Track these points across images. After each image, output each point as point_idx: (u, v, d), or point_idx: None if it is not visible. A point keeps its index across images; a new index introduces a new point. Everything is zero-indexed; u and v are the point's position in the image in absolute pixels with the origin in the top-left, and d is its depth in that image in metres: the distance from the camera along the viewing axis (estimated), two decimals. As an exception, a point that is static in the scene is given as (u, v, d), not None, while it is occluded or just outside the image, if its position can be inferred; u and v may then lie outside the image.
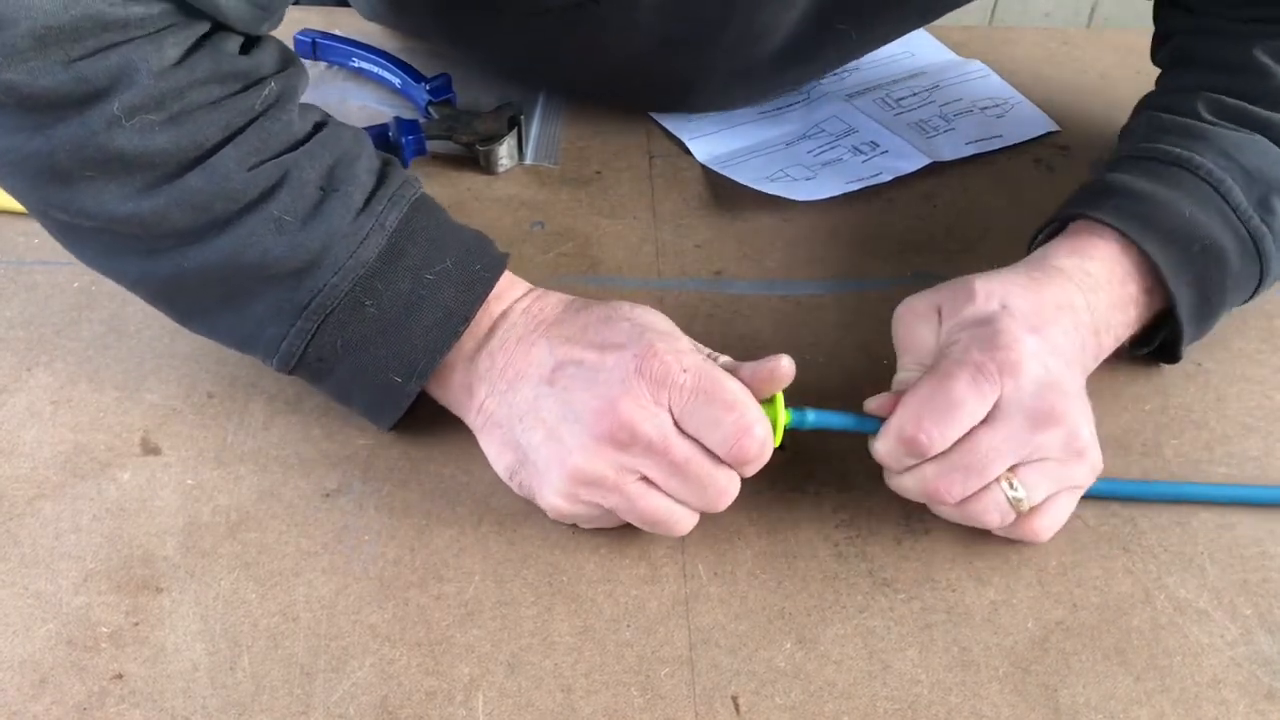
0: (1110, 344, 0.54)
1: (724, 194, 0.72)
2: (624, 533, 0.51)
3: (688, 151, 0.75)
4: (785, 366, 0.47)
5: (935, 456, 0.47)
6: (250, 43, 0.49)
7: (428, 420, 0.56)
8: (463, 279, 0.50)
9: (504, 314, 0.51)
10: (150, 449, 0.54)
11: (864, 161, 0.74)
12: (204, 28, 0.46)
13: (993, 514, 0.48)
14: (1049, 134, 0.79)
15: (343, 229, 0.48)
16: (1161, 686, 0.46)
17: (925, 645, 0.48)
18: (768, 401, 0.48)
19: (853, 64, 0.83)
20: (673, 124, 0.78)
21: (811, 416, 0.49)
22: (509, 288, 0.52)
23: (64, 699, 0.44)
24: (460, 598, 0.49)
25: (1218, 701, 0.46)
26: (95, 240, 0.49)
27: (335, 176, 0.49)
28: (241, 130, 0.47)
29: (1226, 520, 0.53)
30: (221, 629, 0.47)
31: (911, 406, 0.47)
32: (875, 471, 0.54)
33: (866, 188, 0.71)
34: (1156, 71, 0.68)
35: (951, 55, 0.86)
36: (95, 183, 0.45)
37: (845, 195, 0.70)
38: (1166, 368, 0.60)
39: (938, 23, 0.89)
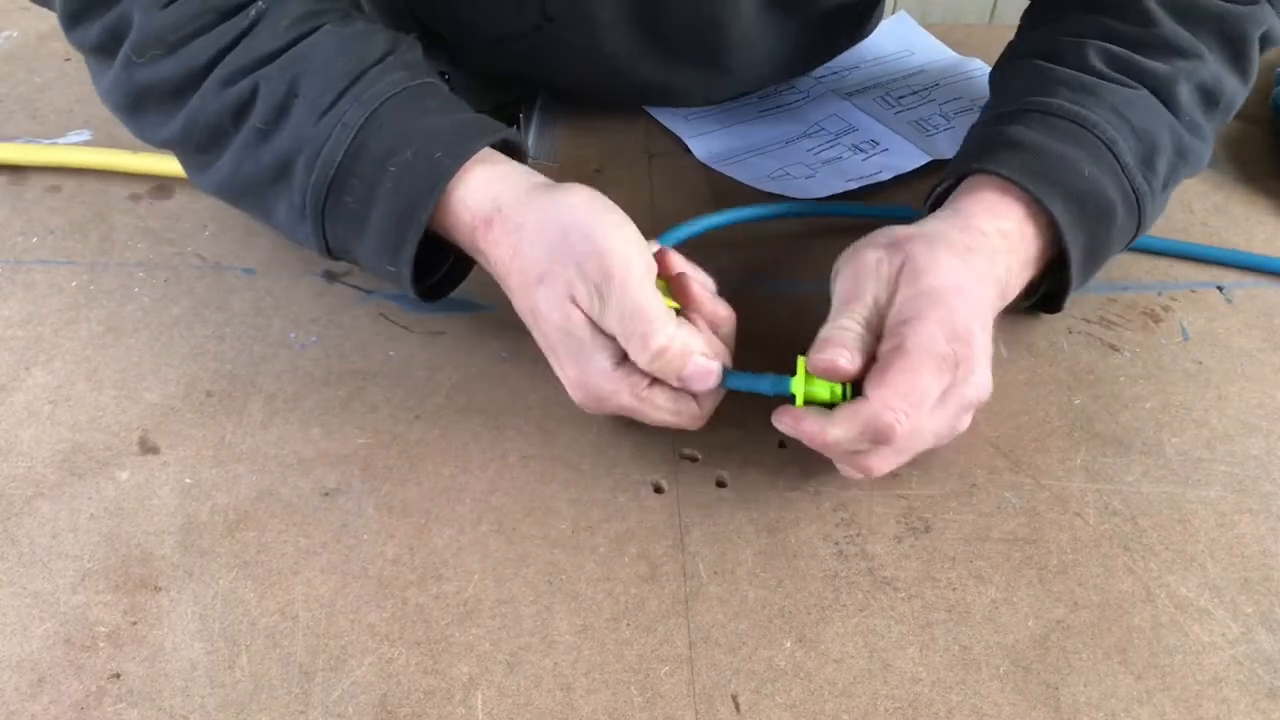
0: (1011, 296, 0.55)
1: (724, 192, 0.71)
2: (624, 531, 0.51)
3: (687, 150, 0.75)
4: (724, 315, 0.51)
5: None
6: None
7: (428, 420, 0.56)
8: (420, 168, 0.50)
9: (478, 227, 0.51)
10: (148, 448, 0.54)
11: (864, 160, 0.74)
12: None
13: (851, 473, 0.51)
14: (1049, 132, 0.79)
15: (308, 131, 0.51)
16: (1162, 685, 0.46)
17: (926, 644, 0.47)
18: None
19: (853, 62, 0.83)
20: (672, 123, 0.77)
21: (730, 380, 0.50)
22: (481, 180, 0.51)
23: (62, 698, 0.44)
24: (459, 597, 0.48)
25: (1219, 700, 0.46)
26: (179, 159, 0.58)
27: (303, 82, 0.51)
28: (227, 51, 0.52)
29: (1227, 518, 0.53)
30: (220, 628, 0.47)
31: (885, 397, 0.46)
32: (875, 470, 0.54)
33: (866, 186, 0.71)
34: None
35: (951, 53, 0.86)
36: (143, 115, 0.55)
37: (845, 193, 0.70)
38: (1167, 366, 0.60)
39: (937, 22, 0.89)
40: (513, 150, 0.55)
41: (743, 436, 0.56)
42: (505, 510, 0.52)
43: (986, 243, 0.52)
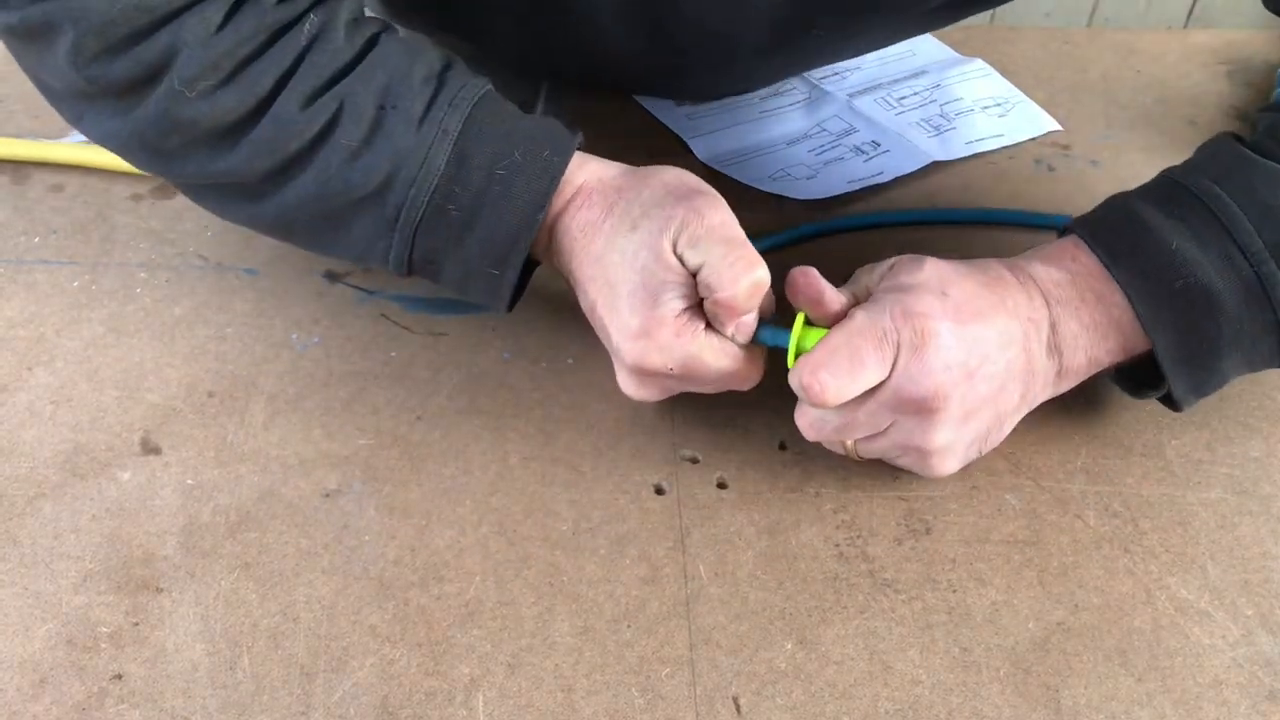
0: (1083, 366, 0.52)
1: (725, 193, 0.71)
2: (624, 533, 0.51)
3: (689, 150, 0.75)
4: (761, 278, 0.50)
5: None
6: None
7: (429, 421, 0.56)
8: (533, 168, 0.51)
9: (573, 197, 0.52)
10: (150, 449, 0.54)
11: (865, 161, 0.74)
12: None
13: (836, 449, 0.53)
14: (1050, 133, 0.79)
15: (408, 143, 0.50)
16: (1163, 687, 0.46)
17: (926, 646, 0.47)
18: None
19: (854, 63, 0.83)
20: (674, 122, 0.78)
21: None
22: (578, 168, 0.53)
23: (63, 699, 0.44)
24: (461, 598, 0.48)
25: (1219, 702, 0.46)
26: (210, 195, 0.54)
27: (391, 93, 0.50)
28: (292, 71, 0.49)
29: (1228, 520, 0.53)
30: (221, 629, 0.47)
31: (817, 356, 0.48)
32: (876, 472, 0.54)
33: (868, 187, 0.71)
34: (1155, 71, 0.68)
35: (952, 54, 0.86)
36: (184, 150, 0.50)
37: (847, 194, 0.70)
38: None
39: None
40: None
41: (743, 438, 0.56)
42: (506, 511, 0.52)
43: (1025, 287, 0.51)
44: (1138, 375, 0.54)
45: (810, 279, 0.50)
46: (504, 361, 0.59)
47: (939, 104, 0.80)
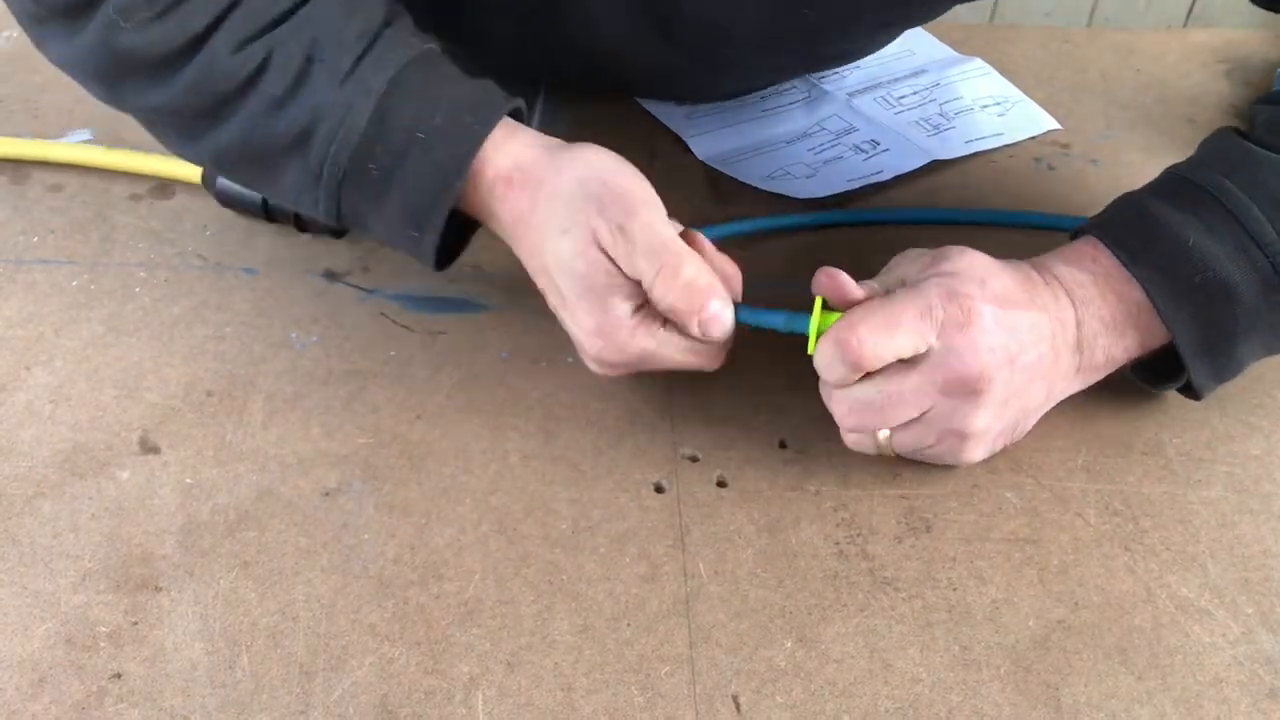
0: (1102, 364, 0.53)
1: (725, 192, 0.71)
2: (624, 531, 0.51)
3: (689, 150, 0.75)
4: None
5: (850, 385, 0.49)
6: None
7: (428, 420, 0.56)
8: (453, 133, 0.50)
9: (496, 181, 0.52)
10: (149, 448, 0.54)
11: (865, 160, 0.74)
12: None
13: (865, 445, 0.52)
14: (1049, 132, 0.79)
15: (330, 98, 0.50)
16: (1163, 685, 0.46)
17: (926, 644, 0.47)
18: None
19: (853, 63, 0.83)
20: (674, 122, 0.77)
21: (743, 314, 0.51)
22: (504, 141, 0.52)
23: (62, 698, 0.44)
24: (460, 597, 0.48)
25: (1219, 700, 0.46)
26: (156, 130, 0.55)
27: (320, 46, 0.50)
28: (226, 14, 0.49)
29: (1228, 519, 0.53)
30: (220, 628, 0.47)
31: (853, 315, 0.48)
32: (876, 470, 0.54)
33: (867, 186, 0.71)
34: (1155, 70, 0.68)
35: (952, 53, 0.86)
36: (126, 81, 0.51)
37: (846, 193, 0.70)
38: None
39: (937, 21, 0.89)
40: (518, 117, 0.55)
41: (743, 436, 0.56)
42: (506, 510, 0.52)
43: (1054, 285, 0.51)
44: (1155, 368, 0.55)
45: (836, 280, 0.50)
46: (503, 360, 0.59)
47: (939, 103, 0.79)
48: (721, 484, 0.54)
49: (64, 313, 0.61)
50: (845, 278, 0.50)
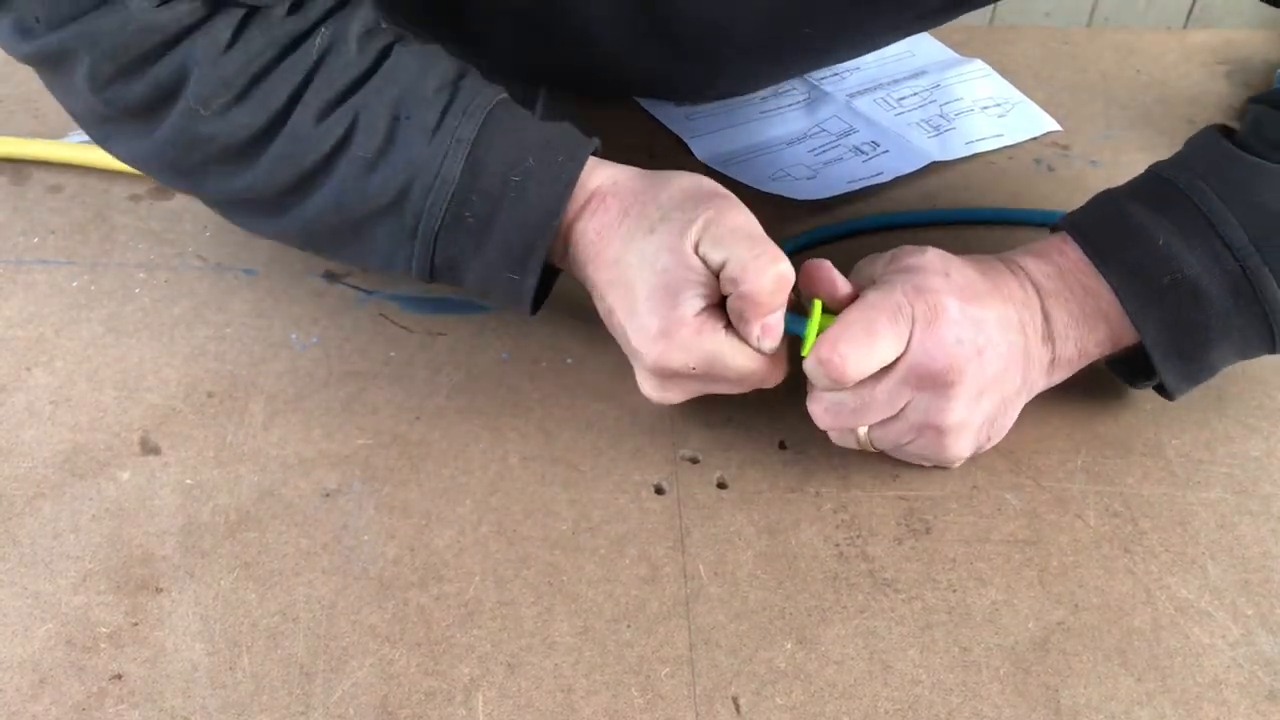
0: (1074, 356, 0.53)
1: (724, 193, 0.71)
2: (624, 533, 0.51)
3: (689, 151, 0.75)
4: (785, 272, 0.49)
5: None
6: (297, 2, 0.50)
7: (428, 421, 0.56)
8: (547, 174, 0.51)
9: (587, 202, 0.52)
10: (150, 449, 0.54)
11: (865, 161, 0.74)
12: (248, 6, 0.49)
13: (847, 442, 0.53)
14: (1049, 133, 0.79)
15: (422, 153, 0.50)
16: (1163, 687, 0.46)
17: (926, 645, 0.47)
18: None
19: (853, 63, 0.83)
20: (674, 123, 0.78)
21: None
22: (593, 172, 0.52)
23: (63, 699, 0.44)
24: (460, 598, 0.48)
25: (1219, 702, 0.46)
26: (237, 211, 0.55)
27: (404, 104, 0.50)
28: (305, 85, 0.49)
29: (1228, 520, 0.53)
30: (221, 629, 0.47)
31: (833, 332, 0.49)
32: (876, 471, 0.54)
33: (868, 187, 0.71)
34: (1154, 70, 0.68)
35: (952, 54, 0.86)
36: (206, 168, 0.51)
37: (846, 195, 0.70)
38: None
39: (938, 22, 0.89)
40: (598, 154, 0.55)
41: (743, 437, 0.56)
42: (506, 511, 0.52)
43: (1018, 277, 0.52)
44: (1132, 365, 0.55)
45: (826, 269, 0.51)
46: (503, 361, 0.59)
47: (939, 104, 0.79)
48: (722, 485, 0.54)
49: (64, 313, 0.61)
50: (831, 268, 0.51)
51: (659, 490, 0.53)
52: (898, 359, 0.49)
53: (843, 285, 0.51)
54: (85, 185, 0.70)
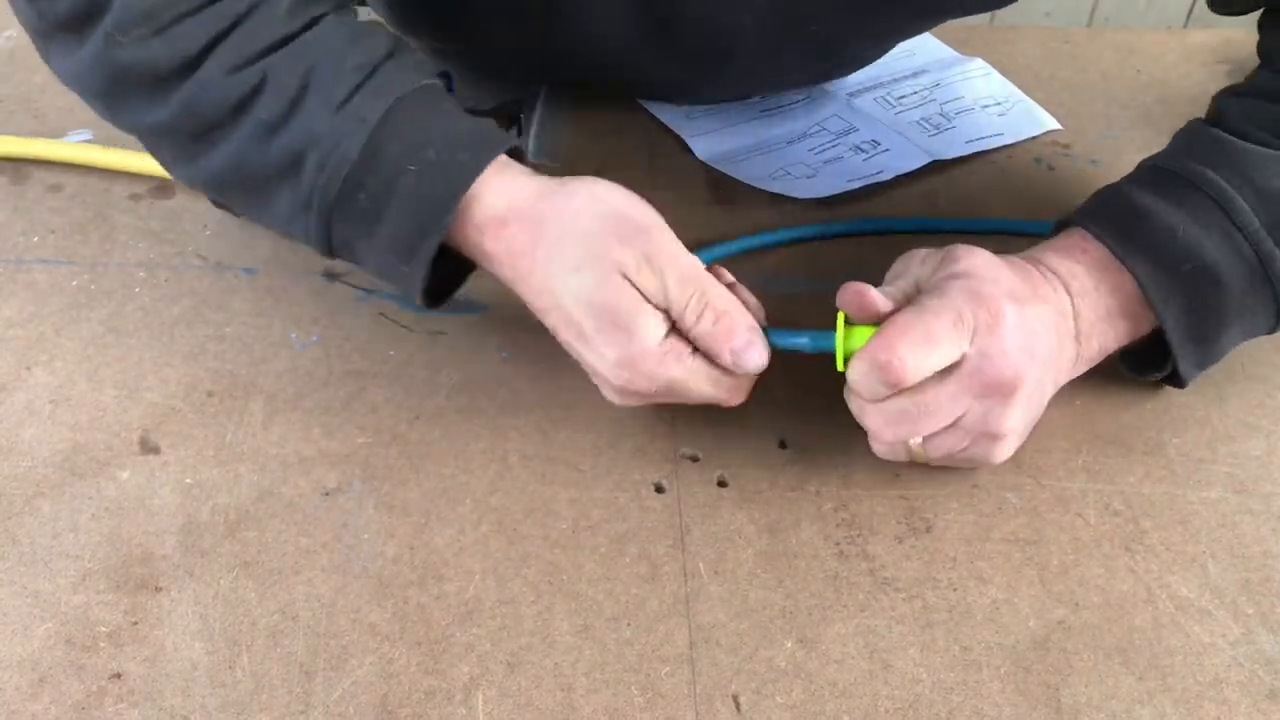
0: (1095, 354, 0.53)
1: (725, 192, 0.71)
2: (624, 531, 0.51)
3: (689, 150, 0.75)
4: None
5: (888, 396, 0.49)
6: None
7: (428, 420, 0.56)
8: (444, 168, 0.50)
9: (489, 221, 0.50)
10: (149, 448, 0.54)
11: (865, 160, 0.74)
12: None
13: (898, 454, 0.51)
14: (1050, 132, 0.79)
15: (322, 127, 0.49)
16: (1163, 686, 0.46)
17: (926, 644, 0.47)
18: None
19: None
20: (674, 122, 0.77)
21: (773, 338, 0.50)
22: (496, 178, 0.51)
23: (62, 698, 0.44)
24: (460, 597, 0.48)
25: (1219, 701, 0.46)
26: (155, 152, 0.55)
27: (317, 74, 0.50)
28: (225, 34, 0.49)
29: (1228, 519, 0.53)
30: (221, 628, 0.47)
31: (889, 333, 0.47)
32: (876, 470, 0.54)
33: (868, 186, 0.71)
34: (1155, 70, 0.68)
35: (953, 53, 0.86)
36: (123, 97, 0.51)
37: (846, 194, 0.70)
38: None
39: (938, 21, 0.89)
40: (516, 158, 0.54)
41: (743, 436, 0.56)
42: (506, 510, 0.52)
43: (1051, 278, 0.52)
44: (1142, 355, 0.55)
45: (863, 294, 0.49)
46: (502, 360, 0.59)
47: (939, 103, 0.79)
48: (722, 484, 0.54)
49: (64, 313, 0.61)
50: (871, 292, 0.49)
51: (659, 489, 0.53)
52: (959, 366, 0.48)
53: (882, 304, 0.49)
54: (85, 185, 0.70)
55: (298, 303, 0.62)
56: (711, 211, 0.70)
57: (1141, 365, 0.56)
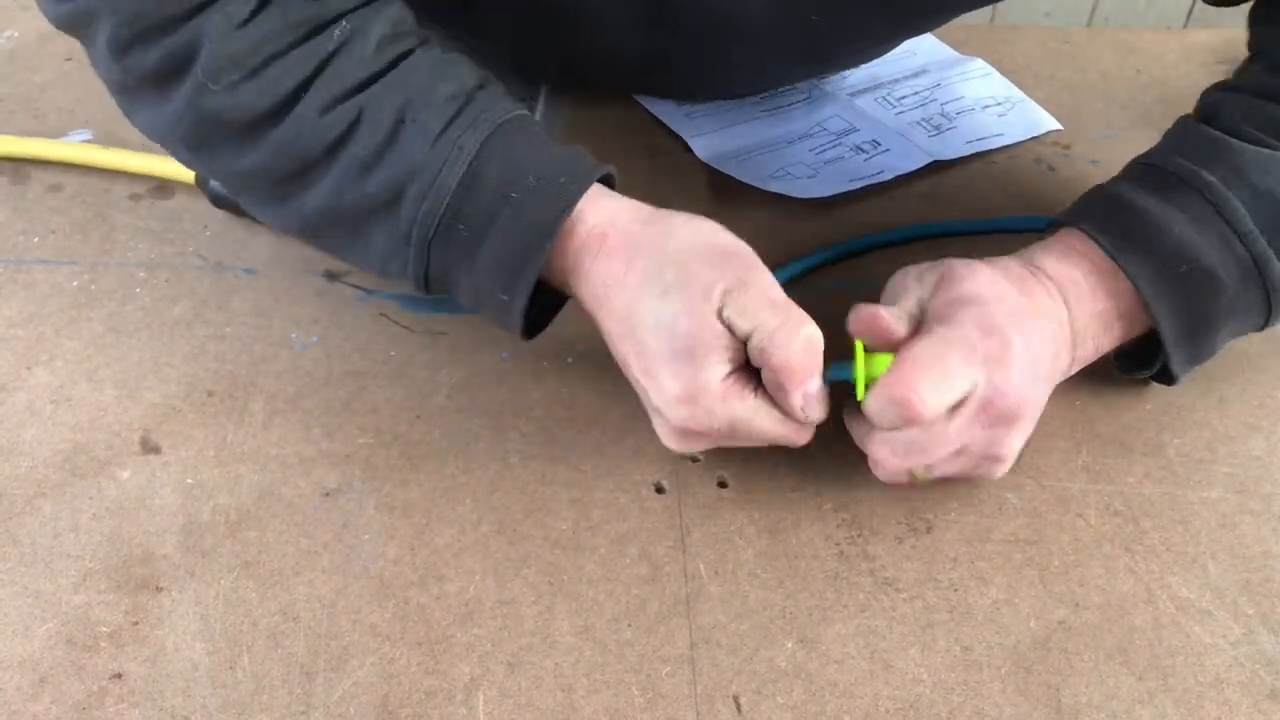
0: (1088, 355, 0.53)
1: (725, 192, 0.71)
2: (625, 532, 0.51)
3: (689, 149, 0.75)
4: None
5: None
6: None
7: (429, 420, 0.56)
8: (545, 194, 0.49)
9: (588, 239, 0.50)
10: (150, 448, 0.54)
11: (866, 160, 0.74)
12: None
13: (899, 479, 0.51)
14: (1050, 133, 0.79)
15: (421, 158, 0.49)
16: (1164, 686, 0.46)
17: (927, 644, 0.47)
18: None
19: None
20: (675, 122, 0.77)
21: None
22: (595, 202, 0.51)
23: (63, 698, 0.44)
24: (461, 597, 0.48)
25: (1220, 701, 0.46)
26: (244, 196, 0.55)
27: (412, 107, 0.49)
28: (316, 75, 0.49)
29: (1229, 519, 0.53)
30: (221, 628, 0.47)
31: (906, 371, 0.47)
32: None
33: (868, 186, 0.71)
34: (1155, 70, 0.68)
35: (953, 54, 0.86)
36: (213, 145, 0.51)
37: (847, 194, 0.70)
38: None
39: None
40: (610, 183, 0.54)
41: (744, 437, 0.56)
42: (506, 510, 0.52)
43: (1047, 284, 0.52)
44: (1133, 354, 0.56)
45: (877, 318, 0.49)
46: (504, 361, 0.59)
47: (939, 103, 0.79)
48: (722, 484, 0.54)
49: (64, 313, 0.61)
50: (885, 317, 0.49)
51: (659, 489, 0.53)
52: (968, 398, 0.47)
53: (898, 329, 0.49)
54: (85, 185, 0.70)
55: (298, 303, 0.62)
56: (711, 211, 0.70)
57: (1132, 364, 0.56)
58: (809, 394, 0.48)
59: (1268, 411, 0.58)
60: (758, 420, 0.48)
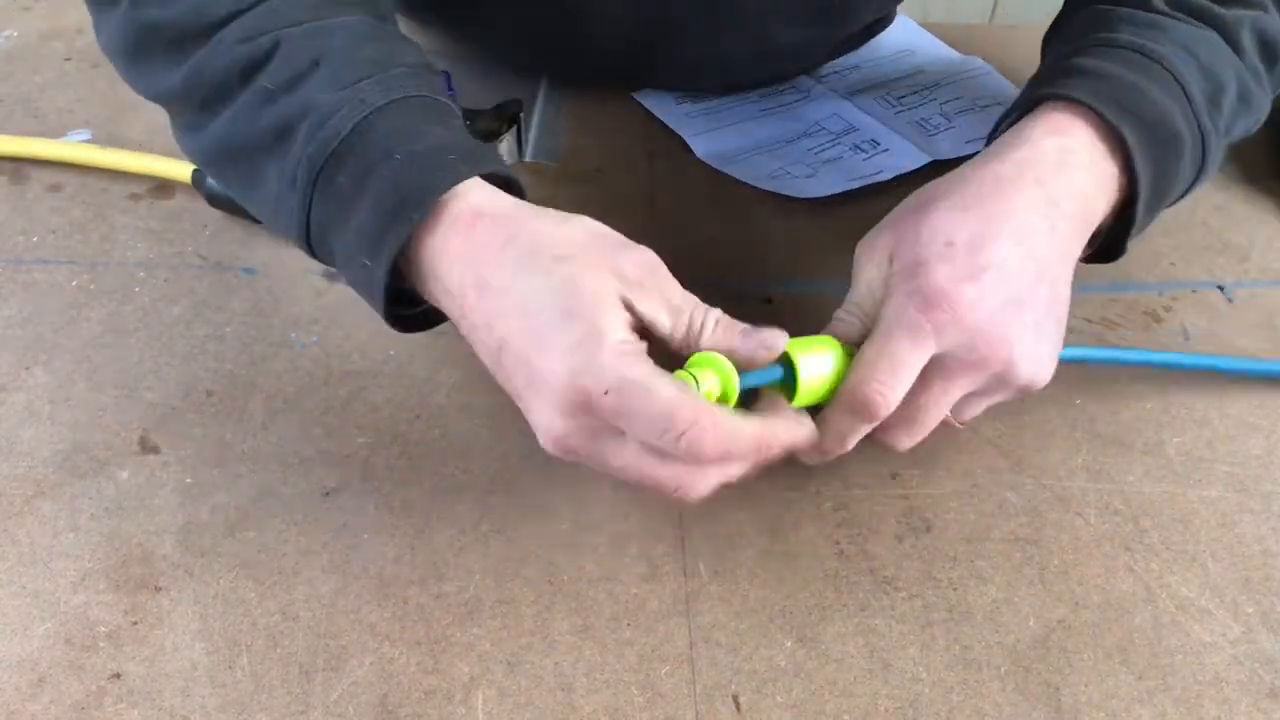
0: (1102, 213, 0.52)
1: (724, 191, 0.71)
2: (624, 531, 0.51)
3: (688, 149, 0.75)
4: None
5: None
6: None
7: (428, 420, 0.56)
8: (430, 162, 0.46)
9: (457, 219, 0.46)
10: (149, 448, 0.54)
11: (865, 160, 0.74)
12: None
13: (922, 435, 0.50)
14: (1050, 132, 0.79)
15: (322, 99, 0.47)
16: (1163, 685, 0.46)
17: (926, 644, 0.47)
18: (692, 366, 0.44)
19: (853, 61, 0.83)
20: (674, 121, 0.77)
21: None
22: (477, 187, 0.47)
23: (62, 698, 0.44)
24: (460, 596, 0.48)
25: (1220, 700, 0.46)
26: (172, 122, 0.55)
27: (330, 56, 0.48)
28: (249, 8, 0.49)
29: (1228, 518, 0.53)
30: (220, 628, 0.47)
31: (859, 373, 0.46)
32: (876, 470, 0.54)
33: (867, 186, 0.71)
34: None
35: (952, 53, 0.86)
36: (145, 63, 0.52)
37: (846, 193, 0.70)
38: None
39: (937, 22, 0.89)
40: (516, 193, 0.50)
41: (743, 436, 0.56)
42: (505, 510, 0.52)
43: (1031, 170, 0.50)
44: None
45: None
46: (503, 360, 0.59)
47: (939, 103, 0.79)
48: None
49: (63, 313, 0.61)
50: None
51: (659, 489, 0.53)
52: (938, 365, 0.47)
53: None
54: (85, 185, 0.70)
55: (297, 302, 0.62)
56: (710, 210, 0.70)
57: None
58: (748, 330, 0.45)
59: (1267, 410, 0.58)
60: (655, 387, 0.41)
